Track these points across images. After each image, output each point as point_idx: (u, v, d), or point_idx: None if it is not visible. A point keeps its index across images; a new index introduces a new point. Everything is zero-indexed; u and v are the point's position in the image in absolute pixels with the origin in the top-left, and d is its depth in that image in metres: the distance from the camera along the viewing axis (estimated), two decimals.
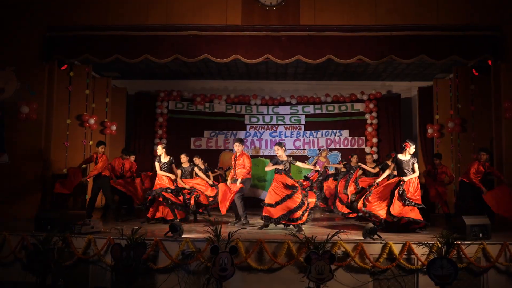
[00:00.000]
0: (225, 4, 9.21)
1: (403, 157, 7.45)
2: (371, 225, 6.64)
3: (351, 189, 7.96)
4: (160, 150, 8.68)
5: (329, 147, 13.47)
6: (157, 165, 8.58)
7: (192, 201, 8.43)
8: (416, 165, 7.43)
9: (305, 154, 13.33)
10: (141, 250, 5.95)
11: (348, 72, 12.65)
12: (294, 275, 6.08)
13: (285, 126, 13.76)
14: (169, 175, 8.56)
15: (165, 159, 8.60)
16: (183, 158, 9.09)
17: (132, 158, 10.06)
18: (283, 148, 7.95)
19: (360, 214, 8.23)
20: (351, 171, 8.81)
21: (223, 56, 9.16)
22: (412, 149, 7.41)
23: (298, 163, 8.05)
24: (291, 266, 6.10)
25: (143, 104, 13.56)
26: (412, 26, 9.02)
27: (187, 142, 13.29)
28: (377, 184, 7.53)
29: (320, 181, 9.84)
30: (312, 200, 7.89)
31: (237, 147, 8.39)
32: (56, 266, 6.06)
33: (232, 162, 8.51)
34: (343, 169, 10.35)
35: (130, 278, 5.90)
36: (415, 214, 7.21)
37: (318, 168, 8.76)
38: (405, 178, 7.30)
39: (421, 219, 7.23)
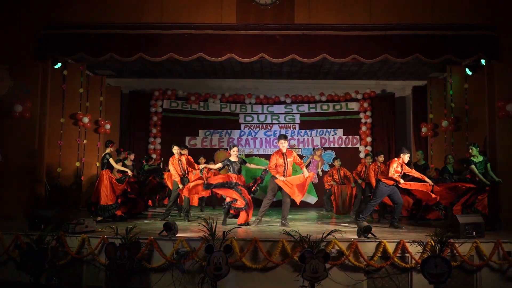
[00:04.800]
0: (220, 3, 9.18)
1: None
2: (365, 223, 6.66)
3: None
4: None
5: (324, 146, 13.52)
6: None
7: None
8: None
9: (300, 153, 13.34)
10: (135, 249, 5.94)
11: (342, 71, 12.66)
12: (288, 274, 6.09)
13: (280, 125, 13.77)
14: None
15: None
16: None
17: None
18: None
19: None
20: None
21: (218, 55, 9.13)
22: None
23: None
24: (285, 265, 6.11)
25: (137, 103, 13.53)
26: (407, 25, 9.03)
27: (182, 141, 13.25)
28: None
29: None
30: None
31: (283, 144, 8.22)
32: (50, 265, 6.04)
33: (279, 160, 8.17)
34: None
35: (124, 277, 5.89)
36: None
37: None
38: None
39: None
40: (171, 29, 9.11)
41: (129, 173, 8.86)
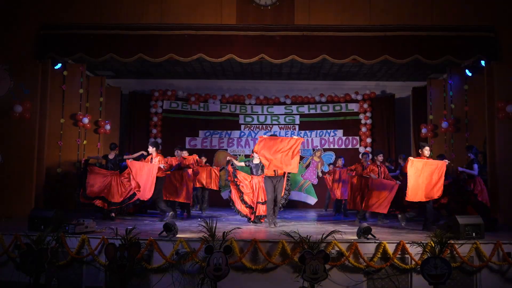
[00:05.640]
0: (220, 4, 9.20)
1: None
2: (365, 224, 6.66)
3: None
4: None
5: (323, 147, 13.51)
6: None
7: None
8: None
9: (299, 154, 13.31)
10: (135, 250, 5.93)
11: (342, 72, 12.67)
12: (288, 274, 6.08)
13: (280, 126, 13.77)
14: None
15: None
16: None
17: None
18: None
19: None
20: None
21: (217, 56, 9.16)
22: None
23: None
24: (285, 266, 6.10)
25: (137, 104, 13.53)
26: (407, 26, 9.06)
27: (182, 142, 13.26)
28: None
29: None
30: None
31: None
32: (49, 266, 6.03)
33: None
34: None
35: (124, 278, 5.88)
36: None
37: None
38: None
39: None
40: (171, 29, 9.13)
41: (144, 152, 9.29)
